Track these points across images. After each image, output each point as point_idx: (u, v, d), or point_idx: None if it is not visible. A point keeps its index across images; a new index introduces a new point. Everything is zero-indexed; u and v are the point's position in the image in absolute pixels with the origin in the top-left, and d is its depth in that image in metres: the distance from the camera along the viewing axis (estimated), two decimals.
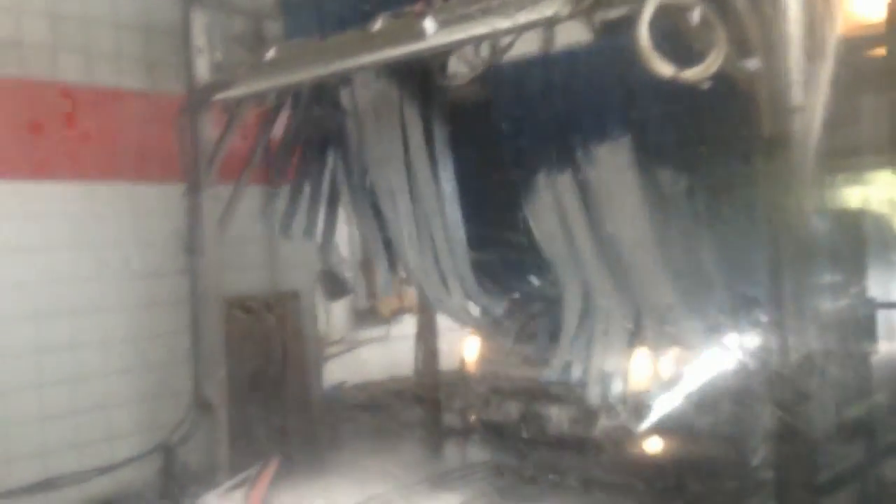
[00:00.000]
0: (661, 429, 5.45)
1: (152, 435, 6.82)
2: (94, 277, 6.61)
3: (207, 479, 6.78)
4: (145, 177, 6.86)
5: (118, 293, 6.74)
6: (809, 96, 3.91)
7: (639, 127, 5.28)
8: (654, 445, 5.53)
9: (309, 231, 6.74)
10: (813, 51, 3.93)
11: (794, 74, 3.89)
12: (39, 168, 6.35)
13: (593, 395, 5.60)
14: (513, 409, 6.13)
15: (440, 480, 6.80)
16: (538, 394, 5.98)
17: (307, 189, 6.67)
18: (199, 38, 6.45)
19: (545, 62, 5.71)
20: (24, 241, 6.26)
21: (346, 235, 9.09)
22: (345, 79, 6.02)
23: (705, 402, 5.33)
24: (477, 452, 7.01)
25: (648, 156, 5.28)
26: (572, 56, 5.58)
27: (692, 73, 4.10)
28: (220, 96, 5.92)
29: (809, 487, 3.99)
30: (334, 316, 12.58)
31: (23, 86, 6.27)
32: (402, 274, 6.63)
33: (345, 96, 6.23)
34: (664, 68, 4.03)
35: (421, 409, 7.95)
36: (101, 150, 6.64)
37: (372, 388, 9.95)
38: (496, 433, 6.41)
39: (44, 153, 6.38)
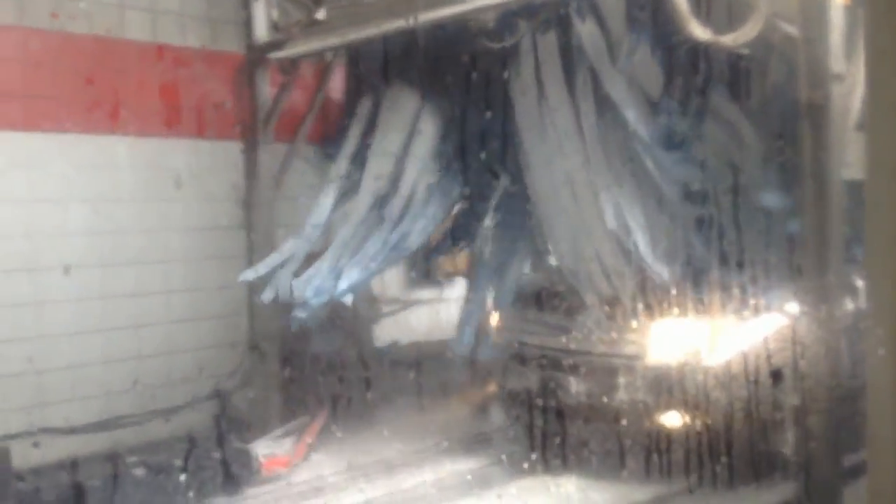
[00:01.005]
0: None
1: (209, 382, 7.13)
2: (157, 229, 6.91)
3: (259, 425, 7.05)
4: (206, 133, 7.10)
5: (180, 245, 7.02)
6: (850, 64, 3.85)
7: None
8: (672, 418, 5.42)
9: None
10: (854, 18, 3.85)
11: (835, 41, 3.82)
12: (106, 123, 6.62)
13: None
14: (532, 378, 6.06)
15: (461, 444, 6.86)
16: (557, 362, 5.90)
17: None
18: None
19: None
20: (93, 192, 6.57)
21: None
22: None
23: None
24: (502, 418, 7.05)
25: None
26: None
27: (731, 38, 4.07)
28: (277, 54, 6.05)
29: None
30: (389, 276, 12.70)
31: (91, 43, 6.53)
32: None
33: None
34: (702, 32, 4.01)
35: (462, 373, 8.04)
36: (165, 107, 6.90)
37: (423, 347, 10.08)
38: (517, 401, 6.38)
39: (110, 109, 6.65)
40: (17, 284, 6.20)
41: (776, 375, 5.02)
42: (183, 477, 5.96)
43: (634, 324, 5.48)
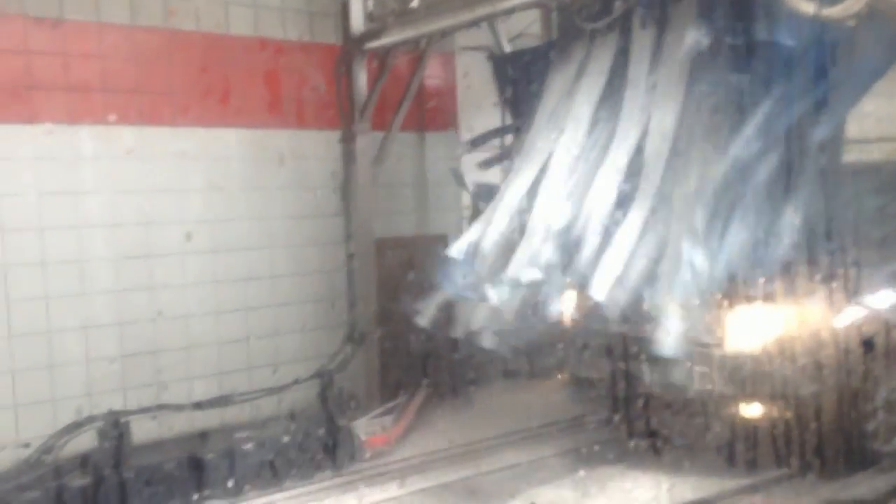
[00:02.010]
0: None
1: (313, 362, 7.40)
2: (263, 217, 7.19)
3: (360, 404, 7.30)
4: (305, 123, 7.35)
5: (284, 232, 7.29)
6: None
7: None
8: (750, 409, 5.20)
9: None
10: None
11: None
12: (214, 115, 6.93)
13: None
14: (603, 365, 5.90)
15: (555, 426, 6.86)
16: (631, 351, 5.70)
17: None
18: None
19: None
20: (202, 182, 6.88)
21: None
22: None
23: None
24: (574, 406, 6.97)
25: None
26: None
27: (837, 11, 3.97)
28: (372, 44, 6.19)
29: None
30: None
31: (197, 39, 6.84)
32: None
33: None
34: (806, 5, 3.94)
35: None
36: (267, 99, 7.17)
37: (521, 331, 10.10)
38: (588, 388, 6.25)
39: (218, 102, 6.95)
40: (135, 270, 6.57)
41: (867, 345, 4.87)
42: (291, 453, 6.21)
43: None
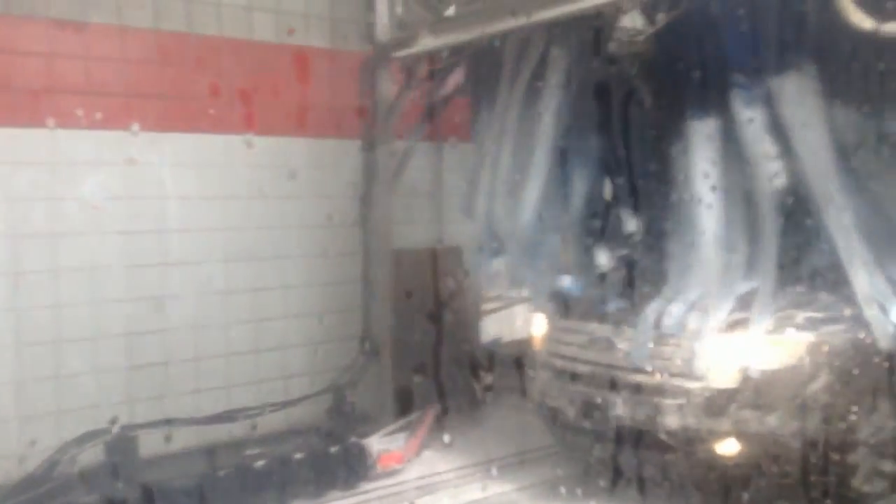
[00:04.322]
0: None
1: (324, 376, 7.23)
2: (276, 226, 7.03)
3: (372, 420, 7.13)
4: (325, 132, 7.20)
5: (297, 242, 7.14)
6: None
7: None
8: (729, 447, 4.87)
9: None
10: None
11: None
12: (232, 122, 6.79)
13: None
14: (576, 396, 5.47)
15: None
16: (605, 380, 5.30)
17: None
18: None
19: None
20: (215, 191, 6.73)
21: None
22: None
23: None
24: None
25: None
26: None
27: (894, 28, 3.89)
28: (401, 53, 6.08)
29: None
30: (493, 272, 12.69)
31: (220, 45, 6.70)
32: None
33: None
34: (864, 21, 3.85)
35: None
36: (287, 106, 7.03)
37: (524, 345, 10.02)
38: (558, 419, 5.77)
39: (236, 108, 6.80)
40: (145, 279, 6.40)
41: None
42: (301, 470, 6.04)
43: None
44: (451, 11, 5.75)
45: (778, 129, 4.91)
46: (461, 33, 5.74)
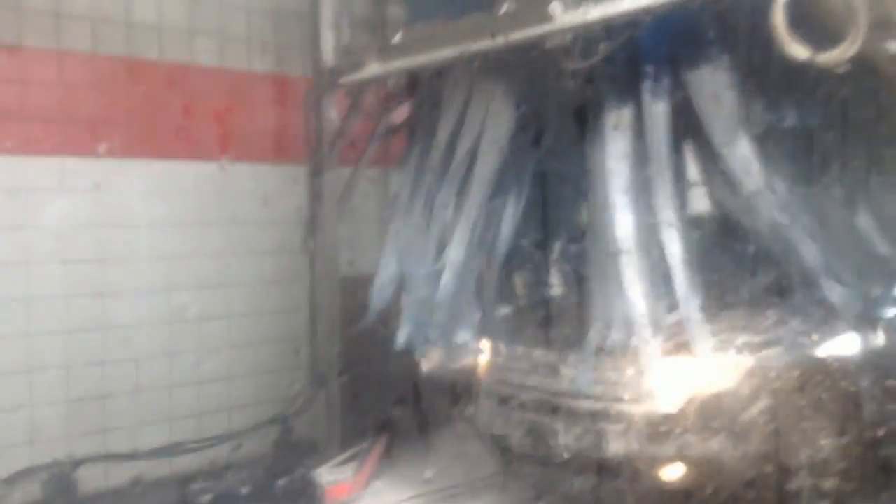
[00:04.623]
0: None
1: (269, 407, 7.07)
2: (219, 253, 6.90)
3: (320, 452, 6.98)
4: (270, 157, 7.13)
5: (242, 269, 7.01)
6: None
7: None
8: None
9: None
10: None
11: None
12: (172, 148, 6.66)
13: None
14: (521, 423, 5.35)
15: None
16: (550, 407, 5.20)
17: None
18: (326, 22, 6.57)
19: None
20: (157, 217, 6.58)
21: None
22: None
23: None
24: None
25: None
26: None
27: (829, 57, 3.97)
28: (346, 79, 6.05)
29: None
30: None
31: (160, 68, 6.58)
32: None
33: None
34: (800, 51, 3.93)
35: None
36: (230, 132, 6.92)
37: (470, 372, 9.96)
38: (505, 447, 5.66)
39: (176, 133, 6.69)
40: (86, 309, 6.22)
41: None
42: None
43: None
44: (397, 38, 5.73)
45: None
46: (407, 60, 5.73)
